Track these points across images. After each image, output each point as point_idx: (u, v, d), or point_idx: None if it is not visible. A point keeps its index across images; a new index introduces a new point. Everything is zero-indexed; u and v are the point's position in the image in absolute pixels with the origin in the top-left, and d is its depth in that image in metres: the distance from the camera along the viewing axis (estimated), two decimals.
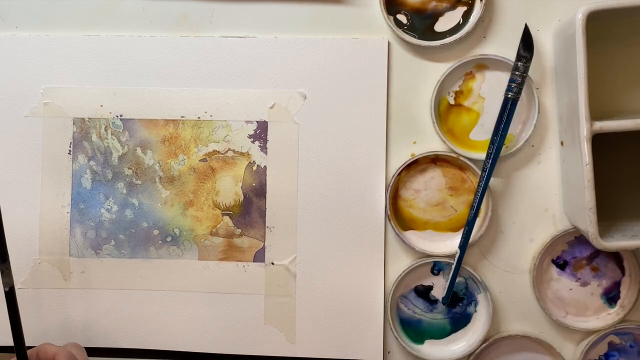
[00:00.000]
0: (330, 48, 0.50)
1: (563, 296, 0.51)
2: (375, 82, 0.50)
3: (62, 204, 0.52)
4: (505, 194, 0.51)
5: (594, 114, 0.44)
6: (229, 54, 0.51)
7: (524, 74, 0.47)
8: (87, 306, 0.52)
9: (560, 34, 0.48)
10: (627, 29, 0.49)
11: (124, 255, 0.52)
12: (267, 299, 0.51)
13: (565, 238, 0.50)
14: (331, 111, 0.50)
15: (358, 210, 0.50)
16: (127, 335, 0.52)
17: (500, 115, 0.48)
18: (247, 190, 0.51)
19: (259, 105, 0.51)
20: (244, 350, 0.51)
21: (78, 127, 0.52)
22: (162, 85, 0.51)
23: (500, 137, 0.48)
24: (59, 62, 0.51)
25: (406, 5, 0.50)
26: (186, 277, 0.52)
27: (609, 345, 0.51)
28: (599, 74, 0.48)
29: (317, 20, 0.51)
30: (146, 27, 0.52)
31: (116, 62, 0.51)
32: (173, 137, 0.51)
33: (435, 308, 0.51)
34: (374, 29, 0.51)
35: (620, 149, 0.49)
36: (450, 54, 0.50)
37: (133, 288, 0.52)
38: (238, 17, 0.51)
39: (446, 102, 0.50)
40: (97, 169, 0.52)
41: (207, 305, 0.51)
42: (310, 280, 0.51)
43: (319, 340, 0.51)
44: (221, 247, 0.51)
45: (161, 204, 0.51)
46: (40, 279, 0.52)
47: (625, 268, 0.50)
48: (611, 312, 0.50)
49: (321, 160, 0.51)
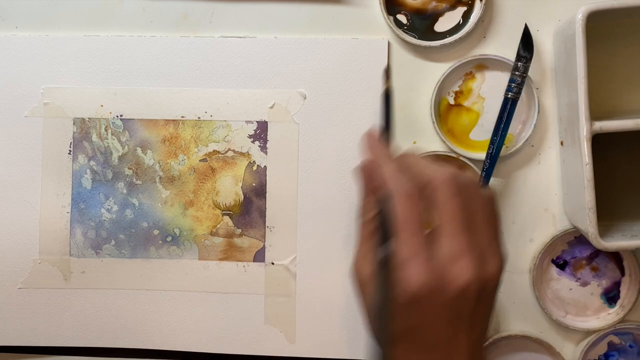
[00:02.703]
0: (330, 48, 0.50)
1: (563, 296, 0.51)
2: (375, 82, 0.50)
3: (62, 204, 0.52)
4: (505, 194, 0.51)
5: (594, 114, 0.44)
6: (229, 54, 0.51)
7: (524, 74, 0.47)
8: (87, 306, 0.52)
9: (560, 34, 0.48)
10: (627, 29, 0.49)
11: (124, 255, 0.52)
12: (267, 299, 0.51)
13: (565, 238, 0.50)
14: (331, 111, 0.50)
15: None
16: (127, 335, 0.52)
17: (500, 115, 0.48)
18: (247, 190, 0.51)
19: (259, 105, 0.51)
20: (244, 350, 0.51)
21: (78, 127, 0.52)
22: (162, 85, 0.51)
23: (500, 137, 0.48)
24: (59, 62, 0.51)
25: (406, 6, 0.50)
26: (186, 277, 0.52)
27: (609, 345, 0.51)
28: (599, 74, 0.48)
29: (317, 20, 0.51)
30: (146, 27, 0.52)
31: (116, 62, 0.51)
32: (173, 137, 0.51)
33: None
34: (374, 29, 0.51)
35: (620, 149, 0.49)
36: (450, 54, 0.50)
37: (133, 288, 0.52)
38: (238, 17, 0.51)
39: (446, 102, 0.50)
40: (97, 169, 0.52)
41: (207, 305, 0.51)
42: (310, 280, 0.51)
43: (319, 340, 0.51)
44: (221, 247, 0.51)
45: (161, 204, 0.51)
46: (40, 279, 0.52)
47: (625, 268, 0.50)
48: (611, 312, 0.50)
49: (321, 160, 0.51)
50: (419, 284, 0.28)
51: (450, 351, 0.30)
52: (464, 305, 0.29)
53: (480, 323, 0.31)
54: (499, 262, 0.31)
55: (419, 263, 0.29)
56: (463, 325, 0.30)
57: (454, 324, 0.30)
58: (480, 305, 0.30)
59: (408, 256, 0.29)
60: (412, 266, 0.29)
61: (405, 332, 0.30)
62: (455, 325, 0.30)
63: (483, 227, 0.31)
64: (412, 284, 0.28)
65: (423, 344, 0.30)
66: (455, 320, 0.30)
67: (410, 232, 0.29)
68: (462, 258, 0.29)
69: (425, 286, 0.28)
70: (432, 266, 0.29)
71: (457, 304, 0.29)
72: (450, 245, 0.29)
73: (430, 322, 0.30)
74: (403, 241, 0.29)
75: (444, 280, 0.29)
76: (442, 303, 0.29)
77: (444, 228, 0.30)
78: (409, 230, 0.29)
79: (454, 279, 0.29)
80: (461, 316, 0.30)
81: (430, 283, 0.28)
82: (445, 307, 0.29)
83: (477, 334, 0.31)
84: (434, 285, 0.29)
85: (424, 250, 0.29)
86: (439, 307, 0.29)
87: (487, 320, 0.32)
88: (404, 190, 0.30)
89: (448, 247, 0.29)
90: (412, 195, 0.30)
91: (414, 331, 0.30)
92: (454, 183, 0.30)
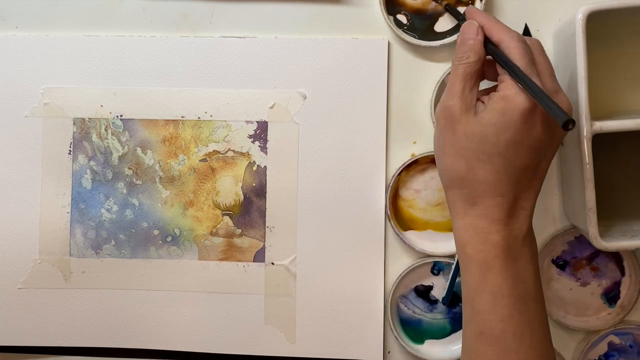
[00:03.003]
0: (330, 48, 0.50)
1: (563, 296, 0.51)
2: (375, 82, 0.50)
3: (62, 204, 0.52)
4: None
5: (594, 114, 0.44)
6: (229, 54, 0.51)
7: None
8: (87, 306, 0.52)
9: (560, 34, 0.48)
10: (627, 29, 0.49)
11: (124, 255, 0.52)
12: (267, 299, 0.51)
13: (565, 238, 0.50)
14: (331, 111, 0.50)
15: (358, 210, 0.50)
16: (127, 335, 0.52)
17: None
18: (247, 190, 0.51)
19: (259, 105, 0.51)
20: (244, 350, 0.51)
21: (78, 127, 0.52)
22: (162, 85, 0.51)
23: None
24: (59, 62, 0.51)
25: (406, 6, 0.50)
26: (186, 277, 0.52)
27: (609, 345, 0.51)
28: (599, 74, 0.48)
29: (317, 20, 0.51)
30: (146, 27, 0.52)
31: (116, 62, 0.51)
32: (173, 137, 0.51)
33: (435, 308, 0.51)
34: (374, 29, 0.51)
35: (620, 149, 0.49)
36: (450, 54, 0.50)
37: (133, 288, 0.52)
38: (238, 17, 0.51)
39: None
40: (97, 169, 0.52)
41: (207, 305, 0.51)
42: (310, 280, 0.51)
43: (319, 340, 0.51)
44: (221, 247, 0.51)
45: (161, 204, 0.51)
46: (40, 279, 0.52)
47: (625, 268, 0.50)
48: (611, 312, 0.50)
49: (321, 160, 0.51)
50: (569, 105, 0.39)
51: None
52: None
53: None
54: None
55: (563, 94, 0.40)
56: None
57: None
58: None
59: (557, 88, 0.40)
60: (562, 96, 0.39)
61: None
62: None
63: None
64: (567, 106, 0.39)
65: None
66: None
67: (549, 73, 0.40)
68: (560, 91, 0.40)
69: (569, 108, 0.40)
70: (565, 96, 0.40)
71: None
72: (554, 84, 0.40)
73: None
74: (548, 79, 0.39)
75: (567, 106, 0.40)
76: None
77: (544, 73, 0.40)
78: (548, 73, 0.40)
79: (566, 105, 0.39)
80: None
81: (571, 109, 0.40)
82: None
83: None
84: (569, 108, 0.40)
85: (558, 85, 0.40)
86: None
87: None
88: (518, 43, 0.39)
89: (553, 85, 0.40)
90: (525, 47, 0.40)
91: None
92: (539, 44, 0.41)
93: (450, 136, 0.40)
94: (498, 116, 0.38)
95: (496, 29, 0.41)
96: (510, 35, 0.40)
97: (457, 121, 0.39)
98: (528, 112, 0.37)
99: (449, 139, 0.40)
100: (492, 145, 0.38)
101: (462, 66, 0.40)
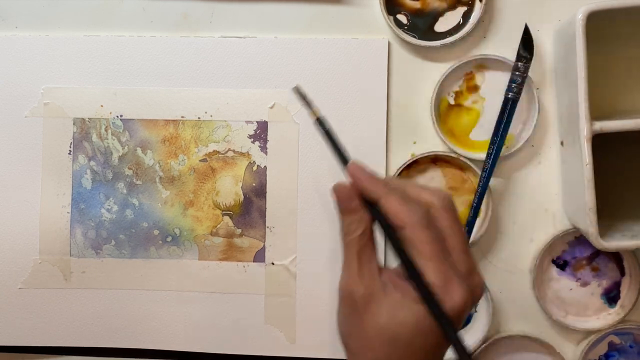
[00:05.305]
0: (331, 48, 0.50)
1: (563, 296, 0.51)
2: (375, 82, 0.50)
3: (62, 204, 0.52)
4: (505, 194, 0.51)
5: (594, 114, 0.44)
6: (229, 54, 0.51)
7: (524, 74, 0.47)
8: (87, 306, 0.52)
9: (560, 34, 0.48)
10: (627, 29, 0.49)
11: (124, 255, 0.52)
12: (267, 299, 0.51)
13: (565, 238, 0.50)
14: (331, 111, 0.50)
15: None
16: (127, 335, 0.52)
17: (501, 116, 0.48)
18: (247, 190, 0.51)
19: (259, 105, 0.51)
20: (244, 350, 0.51)
21: (78, 127, 0.52)
22: (162, 85, 0.51)
23: (500, 137, 0.48)
24: (59, 62, 0.51)
25: (406, 6, 0.50)
26: (186, 277, 0.52)
27: (609, 345, 0.51)
28: (599, 74, 0.48)
29: (317, 20, 0.51)
30: (146, 27, 0.52)
31: (116, 62, 0.51)
32: (173, 137, 0.51)
33: None
34: (374, 29, 0.51)
35: (620, 149, 0.49)
36: (450, 54, 0.50)
37: (133, 288, 0.52)
38: (238, 17, 0.51)
39: (446, 102, 0.50)
40: (98, 169, 0.52)
41: (207, 305, 0.51)
42: (310, 280, 0.51)
43: (319, 340, 0.51)
44: (221, 247, 0.51)
45: (161, 204, 0.51)
46: (40, 279, 0.52)
47: (625, 268, 0.50)
48: (611, 312, 0.50)
49: (321, 160, 0.51)
50: (464, 300, 0.32)
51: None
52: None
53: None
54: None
55: (458, 283, 0.32)
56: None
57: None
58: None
59: (446, 281, 0.32)
60: (454, 289, 0.32)
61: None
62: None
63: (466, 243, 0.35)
64: (458, 302, 0.32)
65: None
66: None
67: (438, 259, 0.32)
68: (475, 272, 0.34)
69: (467, 301, 0.32)
70: (464, 283, 0.33)
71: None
72: (466, 262, 0.33)
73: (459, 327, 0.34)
74: (435, 269, 0.32)
75: (473, 293, 0.33)
76: (468, 310, 0.33)
77: (455, 248, 0.33)
78: (438, 259, 0.32)
79: (477, 290, 0.34)
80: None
81: (468, 298, 0.32)
82: (467, 312, 0.33)
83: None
84: (469, 298, 0.33)
85: (453, 271, 0.33)
86: (466, 314, 0.33)
87: None
88: (419, 221, 0.33)
89: (465, 264, 0.33)
90: (427, 224, 0.33)
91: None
92: (450, 206, 0.34)
93: (358, 328, 0.34)
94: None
95: (391, 203, 0.33)
96: (410, 216, 0.33)
97: (364, 311, 0.33)
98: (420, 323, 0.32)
99: (356, 331, 0.34)
100: (405, 350, 0.32)
101: (353, 241, 0.34)
